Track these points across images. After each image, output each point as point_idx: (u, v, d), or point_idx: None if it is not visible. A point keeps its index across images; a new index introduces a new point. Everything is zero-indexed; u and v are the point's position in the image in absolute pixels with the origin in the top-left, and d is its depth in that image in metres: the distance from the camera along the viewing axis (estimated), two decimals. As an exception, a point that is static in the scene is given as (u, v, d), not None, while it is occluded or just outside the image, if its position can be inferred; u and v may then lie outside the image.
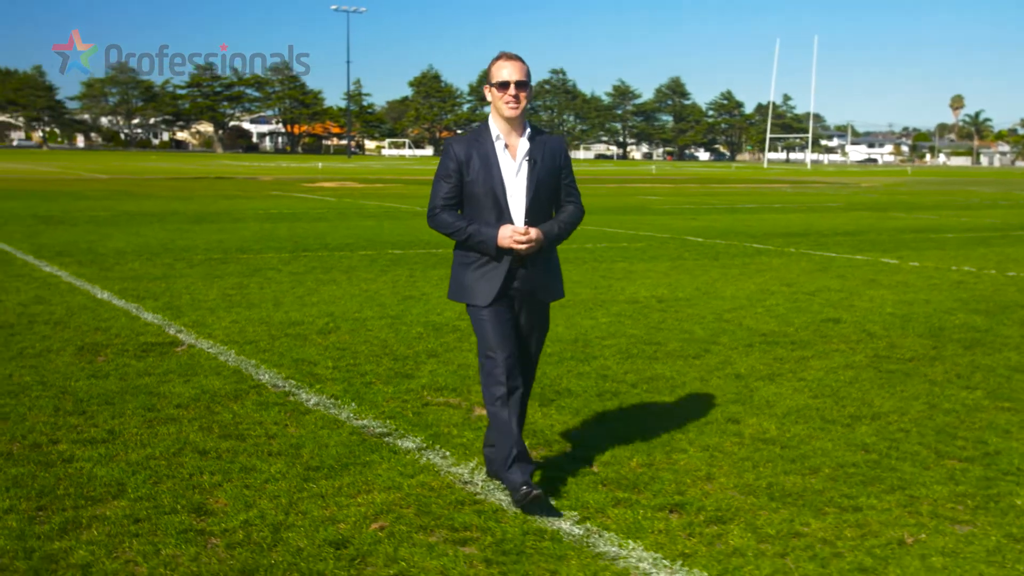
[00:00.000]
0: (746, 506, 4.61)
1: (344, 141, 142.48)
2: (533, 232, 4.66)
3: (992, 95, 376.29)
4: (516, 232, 4.63)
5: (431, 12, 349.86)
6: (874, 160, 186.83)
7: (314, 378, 6.94)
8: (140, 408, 6.06)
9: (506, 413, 4.62)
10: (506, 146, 4.74)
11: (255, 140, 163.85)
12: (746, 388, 6.87)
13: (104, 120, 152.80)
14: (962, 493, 4.83)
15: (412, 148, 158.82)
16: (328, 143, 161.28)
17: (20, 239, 15.88)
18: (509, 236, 4.63)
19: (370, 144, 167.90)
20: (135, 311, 9.39)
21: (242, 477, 4.88)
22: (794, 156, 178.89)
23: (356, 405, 6.26)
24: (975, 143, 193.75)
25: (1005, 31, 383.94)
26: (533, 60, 4.96)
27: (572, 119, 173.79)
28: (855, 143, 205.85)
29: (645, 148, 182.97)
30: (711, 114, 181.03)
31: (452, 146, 4.80)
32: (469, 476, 5.00)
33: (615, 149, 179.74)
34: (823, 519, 4.47)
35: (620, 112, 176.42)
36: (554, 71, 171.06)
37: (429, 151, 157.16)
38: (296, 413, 6.04)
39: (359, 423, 5.85)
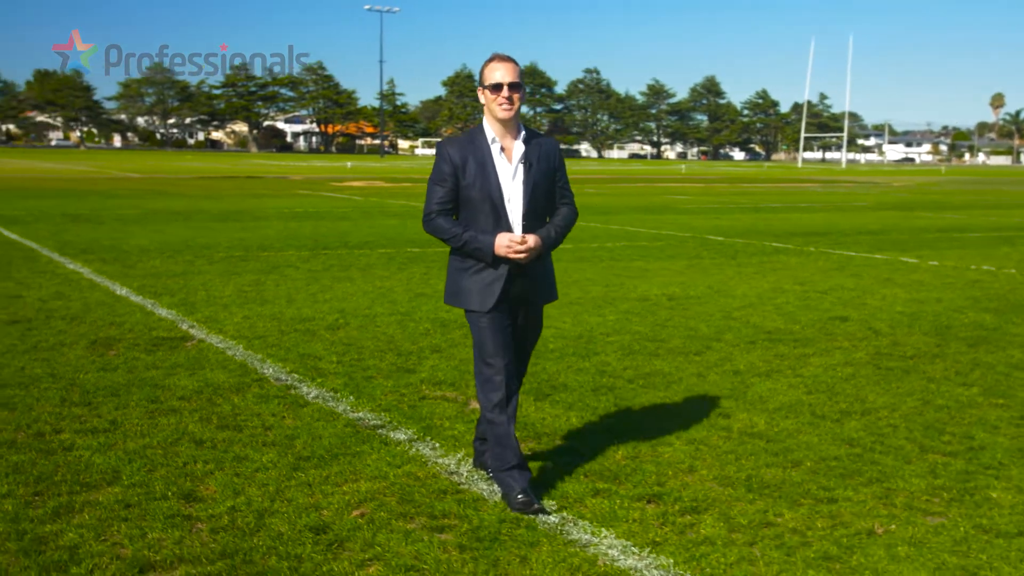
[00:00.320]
0: (723, 497, 4.69)
1: (378, 141, 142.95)
2: (531, 240, 4.61)
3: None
4: (513, 242, 4.58)
5: (464, 11, 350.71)
6: (911, 159, 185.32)
7: (317, 372, 7.08)
8: (144, 400, 6.22)
9: (504, 418, 4.67)
10: (502, 149, 4.71)
11: (289, 140, 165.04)
12: (742, 384, 6.92)
13: (141, 120, 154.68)
14: (939, 486, 4.87)
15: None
16: (362, 143, 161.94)
17: (46, 236, 16.18)
18: (506, 246, 4.59)
19: (403, 144, 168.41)
20: (151, 307, 9.59)
21: (234, 466, 5.02)
22: (830, 155, 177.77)
23: (354, 398, 6.39)
24: (1015, 142, 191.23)
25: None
26: (567, 59, 5.04)
27: (606, 119, 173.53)
28: (893, 142, 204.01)
29: (680, 148, 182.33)
30: (746, 113, 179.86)
31: (446, 149, 4.73)
32: (455, 466, 5.11)
33: (649, 148, 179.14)
34: (796, 510, 4.53)
35: (654, 111, 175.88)
36: (588, 70, 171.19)
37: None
38: (295, 406, 6.18)
39: (355, 415, 5.98)
